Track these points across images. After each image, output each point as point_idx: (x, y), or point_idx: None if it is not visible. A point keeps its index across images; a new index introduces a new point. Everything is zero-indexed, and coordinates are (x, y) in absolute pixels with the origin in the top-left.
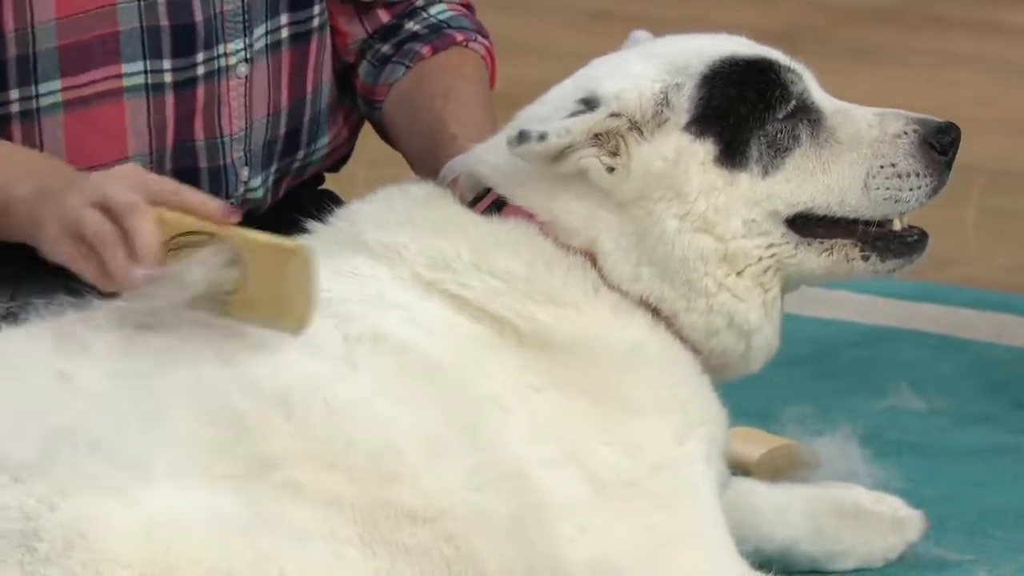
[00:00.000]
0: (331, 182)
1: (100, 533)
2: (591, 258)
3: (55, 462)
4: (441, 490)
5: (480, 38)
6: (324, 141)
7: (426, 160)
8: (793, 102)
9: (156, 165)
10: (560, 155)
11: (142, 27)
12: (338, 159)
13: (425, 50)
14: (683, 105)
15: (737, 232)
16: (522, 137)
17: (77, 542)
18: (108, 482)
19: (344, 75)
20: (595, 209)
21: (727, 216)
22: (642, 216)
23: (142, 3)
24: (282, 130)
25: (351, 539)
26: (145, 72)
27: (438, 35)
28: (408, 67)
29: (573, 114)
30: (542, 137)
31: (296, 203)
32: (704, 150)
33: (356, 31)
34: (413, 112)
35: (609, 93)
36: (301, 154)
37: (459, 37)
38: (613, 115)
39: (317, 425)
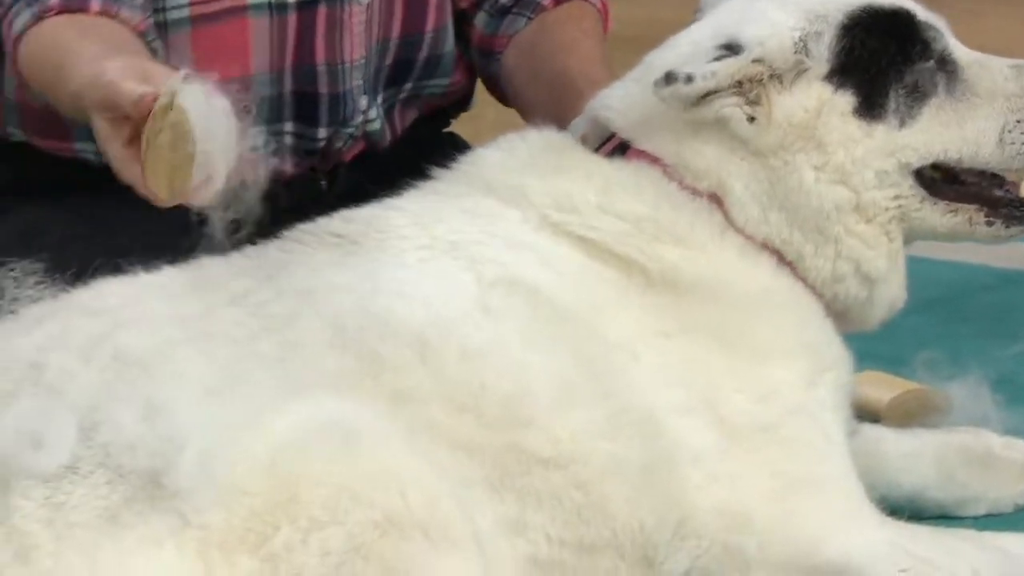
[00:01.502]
0: (459, 122)
1: (227, 467)
2: (716, 201)
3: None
4: (573, 437)
5: None
6: (443, 81)
7: (549, 112)
8: (931, 54)
9: (276, 84)
10: (701, 100)
11: None
12: (453, 102)
13: (547, 1)
14: (823, 54)
15: (870, 183)
16: (669, 79)
17: (204, 479)
18: (235, 415)
19: (457, 24)
20: (727, 155)
21: (863, 167)
22: (779, 166)
23: None
24: (389, 59)
25: (480, 483)
26: None
27: None
28: (529, 18)
29: (717, 59)
30: (689, 79)
31: (419, 145)
32: (845, 101)
33: None
34: (536, 63)
35: (752, 39)
36: (409, 86)
37: None
38: (756, 61)
39: (452, 368)
